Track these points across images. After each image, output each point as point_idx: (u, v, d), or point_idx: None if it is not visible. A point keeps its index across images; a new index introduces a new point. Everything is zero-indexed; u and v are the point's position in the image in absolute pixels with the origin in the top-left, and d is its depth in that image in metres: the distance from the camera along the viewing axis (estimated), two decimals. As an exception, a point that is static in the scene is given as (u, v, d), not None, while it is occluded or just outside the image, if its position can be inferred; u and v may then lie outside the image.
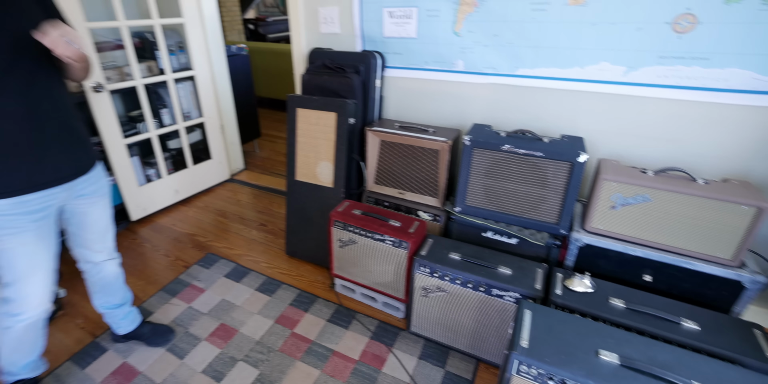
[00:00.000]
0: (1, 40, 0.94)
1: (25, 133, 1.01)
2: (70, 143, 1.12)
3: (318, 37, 1.97)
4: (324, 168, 1.80)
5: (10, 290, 1.11)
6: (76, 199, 1.19)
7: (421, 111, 1.84)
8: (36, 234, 1.08)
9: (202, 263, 2.02)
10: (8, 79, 0.96)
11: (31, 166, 1.04)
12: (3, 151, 0.99)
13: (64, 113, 1.10)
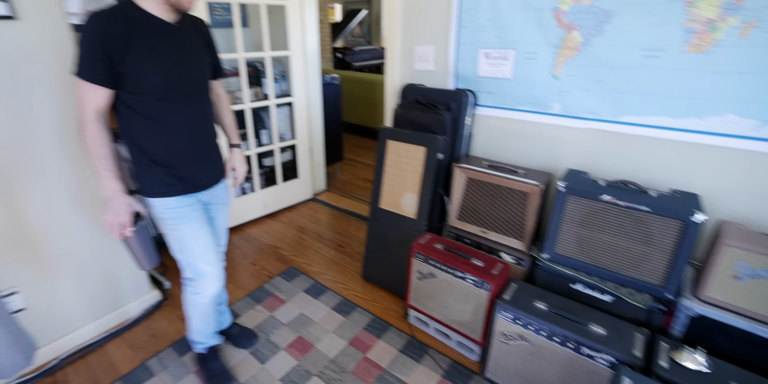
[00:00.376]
0: (186, 81, 1.20)
1: (190, 148, 1.25)
2: (213, 157, 1.35)
3: (411, 73, 2.07)
4: (408, 199, 1.85)
5: (190, 271, 1.33)
6: (208, 204, 1.40)
7: (510, 151, 1.83)
8: (199, 221, 1.30)
9: (284, 276, 2.15)
10: (184, 108, 1.21)
11: (191, 174, 1.27)
12: (175, 162, 1.23)
13: (212, 133, 1.34)
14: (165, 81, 1.14)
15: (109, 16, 1.06)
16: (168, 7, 1.12)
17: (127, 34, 1.06)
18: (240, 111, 2.48)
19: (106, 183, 1.16)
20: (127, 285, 1.86)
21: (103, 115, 1.13)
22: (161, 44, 1.12)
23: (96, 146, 1.12)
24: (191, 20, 1.23)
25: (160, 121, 1.18)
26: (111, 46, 1.05)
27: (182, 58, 1.17)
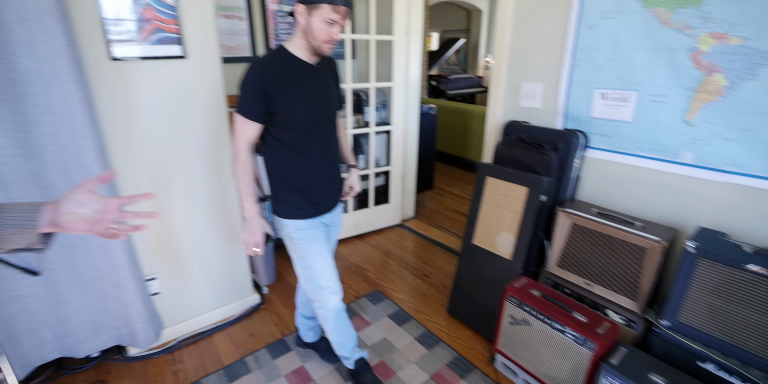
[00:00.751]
0: (324, 115, 1.36)
1: (323, 175, 1.41)
2: (337, 181, 1.50)
3: (515, 110, 2.05)
4: (504, 239, 1.81)
5: (310, 285, 1.46)
6: (327, 226, 1.53)
7: (625, 199, 1.70)
8: (322, 242, 1.44)
9: (369, 298, 2.21)
10: (321, 139, 1.37)
11: (321, 199, 1.43)
12: (311, 188, 1.38)
13: (339, 159, 1.50)
14: (308, 117, 1.30)
15: (268, 63, 1.25)
16: (312, 52, 1.28)
17: (280, 78, 1.23)
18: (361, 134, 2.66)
19: (247, 205, 1.33)
20: (234, 286, 2.09)
21: (252, 146, 1.33)
22: (306, 84, 1.28)
23: (244, 173, 1.31)
24: (326, 60, 1.38)
25: (303, 151, 1.33)
26: (268, 89, 1.22)
27: (321, 95, 1.33)
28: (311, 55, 1.29)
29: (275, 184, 1.40)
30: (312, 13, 1.19)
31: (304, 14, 1.20)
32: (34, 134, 1.38)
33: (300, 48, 1.27)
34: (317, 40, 1.22)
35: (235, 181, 1.34)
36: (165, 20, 1.59)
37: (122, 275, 1.62)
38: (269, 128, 1.31)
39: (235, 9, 2.51)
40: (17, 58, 1.30)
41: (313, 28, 1.20)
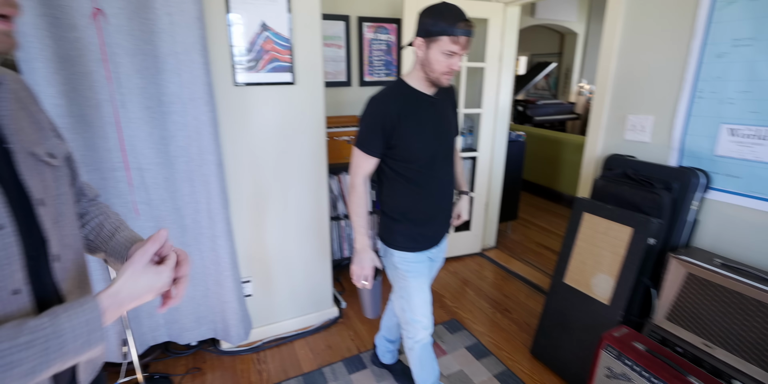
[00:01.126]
0: (443, 147, 1.34)
1: (439, 208, 1.40)
2: (449, 214, 1.47)
3: (619, 143, 1.91)
4: (601, 281, 1.66)
5: (407, 316, 1.45)
6: (432, 260, 1.49)
7: (757, 251, 1.47)
8: (426, 277, 1.42)
9: (446, 326, 2.15)
10: (440, 171, 1.35)
11: (433, 232, 1.41)
12: (426, 220, 1.37)
13: (453, 191, 1.46)
14: (428, 150, 1.28)
15: (387, 99, 1.25)
16: (430, 84, 1.27)
17: (400, 112, 1.23)
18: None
19: (360, 238, 1.33)
20: (316, 297, 2.18)
21: (369, 178, 1.34)
22: (425, 117, 1.27)
23: (359, 205, 1.32)
24: (445, 89, 1.36)
25: (420, 184, 1.32)
26: (387, 125, 1.23)
27: (440, 126, 1.32)
28: (430, 87, 1.28)
29: (388, 214, 1.38)
30: (430, 46, 1.17)
31: (422, 47, 1.19)
32: (171, 147, 1.60)
33: (418, 80, 1.26)
34: (436, 72, 1.20)
35: (350, 212, 1.34)
36: (280, 51, 1.76)
37: (225, 275, 1.78)
38: (386, 160, 1.31)
39: (335, 38, 2.70)
40: (167, 84, 1.53)
41: (432, 61, 1.19)
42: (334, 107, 2.75)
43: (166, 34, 1.47)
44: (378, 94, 1.27)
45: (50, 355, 0.52)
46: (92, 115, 1.47)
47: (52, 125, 0.69)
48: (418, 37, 1.20)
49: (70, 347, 0.53)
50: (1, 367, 0.47)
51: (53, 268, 0.62)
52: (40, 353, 0.51)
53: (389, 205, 1.37)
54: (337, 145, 2.45)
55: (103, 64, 1.43)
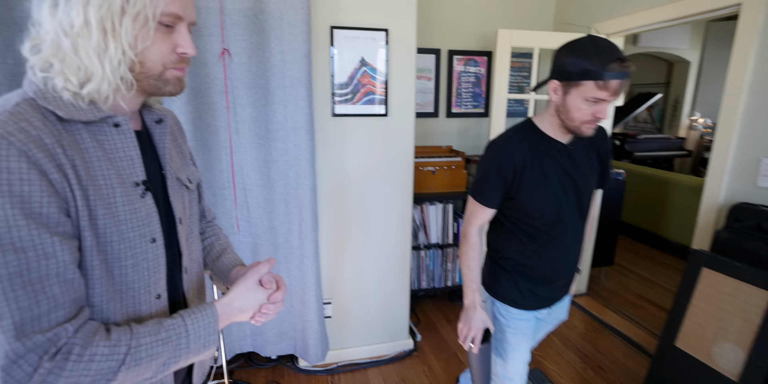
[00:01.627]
0: (574, 202, 1.14)
1: (560, 269, 1.20)
2: (569, 278, 1.25)
3: (748, 190, 1.65)
4: (727, 351, 1.40)
5: (498, 369, 1.30)
6: (541, 320, 1.27)
7: None
8: (527, 337, 1.25)
9: (530, 376, 1.96)
10: (567, 228, 1.15)
11: (548, 293, 1.22)
12: (542, 280, 1.19)
13: (579, 255, 1.23)
14: (554, 206, 1.11)
15: (511, 144, 1.10)
16: (566, 131, 1.09)
17: (524, 160, 1.08)
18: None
19: (469, 293, 1.17)
20: (391, 327, 2.15)
21: (483, 228, 1.20)
22: (555, 168, 1.10)
23: (471, 258, 1.17)
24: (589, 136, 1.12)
25: (541, 243, 1.15)
26: (508, 174, 1.08)
27: (574, 179, 1.12)
28: (565, 133, 1.10)
29: (495, 260, 1.24)
30: (569, 91, 0.99)
31: (559, 91, 1.02)
32: (272, 170, 1.73)
33: (551, 125, 1.09)
34: (575, 121, 1.01)
35: (461, 263, 1.20)
36: (376, 85, 1.85)
37: (309, 295, 1.84)
38: (504, 211, 1.17)
39: (425, 70, 2.77)
40: (274, 113, 1.67)
41: (570, 108, 1.00)
42: (420, 137, 2.79)
43: (277, 70, 1.63)
44: (500, 137, 1.13)
45: (180, 351, 0.59)
46: (211, 140, 1.66)
47: (191, 154, 0.81)
48: (553, 80, 1.02)
49: (193, 346, 0.61)
50: (146, 357, 0.55)
51: (183, 278, 0.72)
52: (172, 349, 0.58)
53: (498, 253, 1.23)
54: (422, 175, 2.47)
55: (224, 95, 1.62)
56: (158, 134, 0.68)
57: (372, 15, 1.76)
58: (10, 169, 0.47)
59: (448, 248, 2.57)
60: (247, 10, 1.55)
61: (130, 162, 0.60)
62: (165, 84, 0.61)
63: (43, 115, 0.52)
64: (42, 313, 0.49)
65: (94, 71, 0.53)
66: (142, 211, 0.61)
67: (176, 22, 0.58)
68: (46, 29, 0.52)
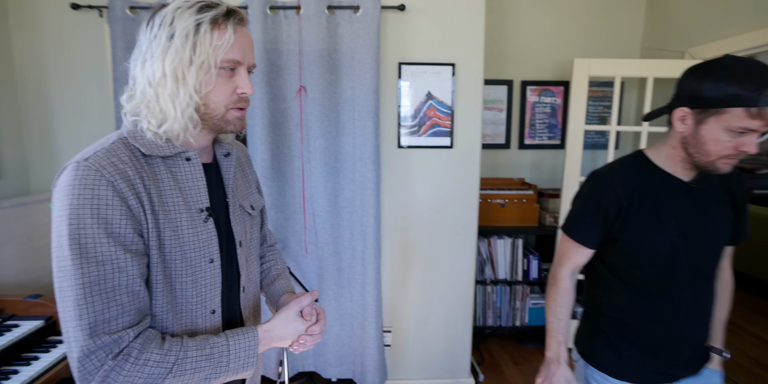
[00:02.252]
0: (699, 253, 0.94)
1: (676, 336, 0.97)
2: (695, 349, 1.00)
3: None
4: None
5: None
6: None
7: None
8: None
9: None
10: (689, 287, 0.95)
11: (663, 365, 0.98)
12: (650, 348, 0.97)
13: (709, 319, 1.01)
14: (669, 253, 0.92)
15: (616, 176, 0.96)
16: (691, 167, 0.92)
17: (632, 195, 0.93)
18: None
19: (554, 345, 1.02)
20: (452, 363, 2.06)
21: (578, 272, 1.04)
22: (673, 208, 0.93)
23: (559, 304, 1.02)
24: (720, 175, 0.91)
25: (651, 298, 0.96)
26: (611, 210, 0.93)
27: (698, 224, 0.93)
28: (688, 169, 0.93)
29: (591, 317, 1.06)
30: (706, 120, 0.83)
31: (689, 120, 0.86)
32: (339, 198, 1.82)
33: (670, 159, 0.93)
34: (710, 155, 0.85)
35: (547, 309, 1.05)
36: (442, 117, 1.88)
37: (369, 321, 1.85)
38: (603, 255, 1.00)
39: (496, 101, 2.76)
40: (343, 145, 1.78)
41: (705, 140, 0.84)
42: (490, 169, 2.74)
43: (347, 104, 1.76)
44: (604, 168, 0.99)
45: (220, 369, 0.65)
46: (286, 168, 1.81)
47: (257, 183, 0.91)
48: (682, 108, 0.87)
49: (232, 366, 0.66)
50: (190, 369, 0.62)
51: (240, 297, 0.78)
52: (214, 365, 0.64)
53: (594, 308, 1.04)
54: (490, 208, 2.40)
55: (299, 128, 1.77)
56: (225, 166, 0.78)
57: (439, 50, 1.84)
58: (99, 195, 0.58)
59: (517, 285, 2.42)
60: (322, 51, 1.71)
61: (197, 191, 0.70)
62: (227, 124, 0.70)
63: (131, 152, 0.64)
64: (111, 317, 0.58)
65: (168, 114, 0.64)
66: (203, 234, 0.69)
67: (236, 66, 0.67)
68: (138, 82, 0.65)
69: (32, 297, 1.34)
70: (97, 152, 0.61)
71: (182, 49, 0.62)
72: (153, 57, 0.63)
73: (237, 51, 0.66)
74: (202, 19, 0.62)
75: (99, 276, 0.57)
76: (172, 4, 0.63)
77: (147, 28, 0.64)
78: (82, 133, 1.88)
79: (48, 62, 1.83)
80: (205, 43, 0.63)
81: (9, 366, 1.13)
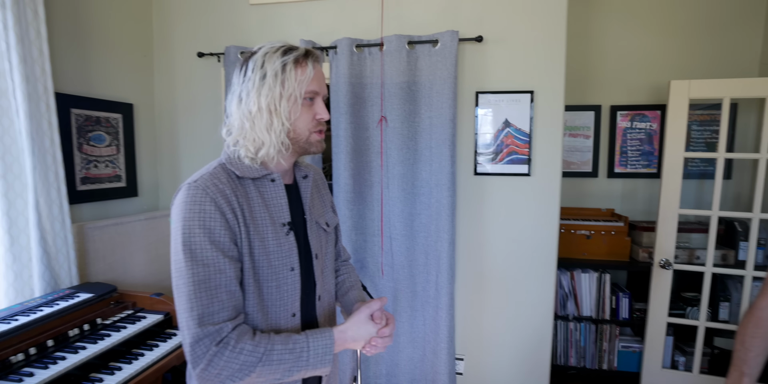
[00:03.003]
0: None
1: None
2: None
3: None
4: None
5: None
6: None
7: None
8: None
9: None
10: None
11: None
12: None
13: None
14: None
15: None
16: None
17: None
18: (698, 273, 2.10)
19: (735, 375, 0.96)
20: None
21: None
22: None
23: (750, 335, 0.95)
24: None
25: None
26: None
27: None
28: None
29: None
30: None
31: None
32: (415, 222, 1.89)
33: None
34: None
35: (736, 337, 0.98)
36: (519, 145, 1.87)
37: (441, 346, 1.85)
38: None
39: (582, 128, 2.65)
40: (420, 171, 1.86)
41: None
42: (575, 198, 2.61)
43: (425, 133, 1.84)
44: None
45: (300, 363, 0.74)
46: (366, 193, 1.93)
47: (331, 203, 1.03)
48: None
49: (311, 361, 0.74)
50: (276, 360, 0.71)
51: (316, 304, 0.88)
52: (295, 359, 0.73)
53: None
54: (574, 239, 2.27)
55: (379, 155, 1.89)
56: (303, 187, 0.90)
57: (517, 78, 1.85)
58: (204, 210, 0.72)
59: (604, 325, 2.22)
60: (402, 84, 1.83)
61: (280, 208, 0.82)
62: (310, 145, 0.83)
63: (228, 175, 0.78)
64: (214, 311, 0.70)
65: (264, 141, 0.77)
66: (285, 245, 0.81)
67: (314, 96, 0.81)
68: (234, 117, 0.79)
69: (156, 294, 1.59)
70: (203, 175, 0.76)
71: (274, 86, 0.75)
72: (249, 95, 0.77)
73: (315, 83, 0.80)
74: (287, 60, 0.76)
75: (205, 276, 0.70)
76: (261, 50, 0.78)
77: (240, 72, 0.79)
78: (200, 158, 2.21)
79: (177, 100, 2.21)
80: (291, 79, 0.76)
81: (138, 349, 1.37)
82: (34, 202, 1.41)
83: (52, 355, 1.20)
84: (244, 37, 2.08)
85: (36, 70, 1.44)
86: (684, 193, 2.26)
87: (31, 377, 1.07)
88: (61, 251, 1.50)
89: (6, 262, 1.37)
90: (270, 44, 0.79)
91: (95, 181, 1.85)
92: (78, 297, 1.41)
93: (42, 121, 1.46)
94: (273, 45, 0.79)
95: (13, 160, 1.40)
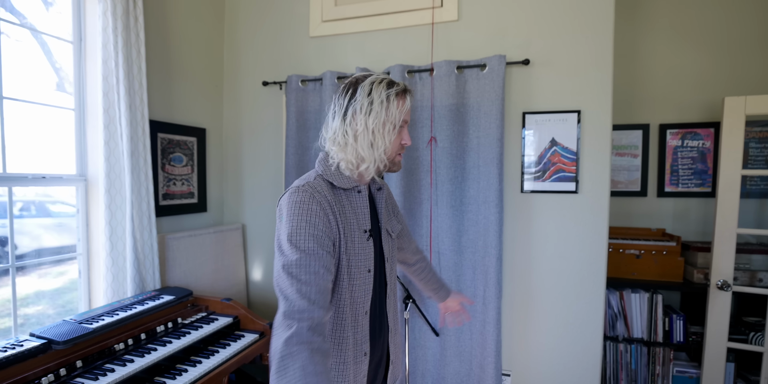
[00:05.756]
0: None
1: None
2: None
3: None
4: None
5: None
6: None
7: None
8: None
9: None
10: None
11: None
12: None
13: None
14: None
15: None
16: None
17: None
18: (761, 297, 2.02)
19: None
20: None
21: None
22: None
23: None
24: None
25: None
26: None
27: None
28: None
29: None
30: None
31: None
32: (463, 238, 1.96)
33: None
34: None
35: None
36: (566, 162, 1.92)
37: (487, 361, 1.88)
38: None
39: (630, 147, 2.63)
40: (468, 189, 1.95)
41: None
42: (623, 218, 2.58)
43: (473, 152, 1.93)
44: None
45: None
46: (416, 209, 2.03)
47: (396, 213, 1.16)
48: None
49: None
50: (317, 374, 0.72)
51: (386, 302, 0.98)
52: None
53: None
54: (623, 258, 2.25)
55: (429, 174, 2.00)
56: (378, 198, 1.03)
57: (564, 98, 1.92)
58: (310, 209, 0.85)
59: (657, 348, 2.15)
60: (451, 106, 1.95)
61: (363, 216, 0.95)
62: (393, 165, 0.98)
63: (326, 184, 0.92)
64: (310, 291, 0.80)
65: (365, 157, 0.91)
66: (366, 249, 0.93)
67: (404, 124, 0.95)
68: (338, 132, 0.92)
69: (226, 299, 1.75)
70: (308, 182, 0.89)
71: (380, 112, 0.89)
72: (355, 115, 0.90)
73: (407, 114, 0.94)
74: (392, 92, 0.90)
75: (305, 261, 0.81)
76: (368, 80, 0.91)
77: (345, 94, 0.92)
78: (260, 177, 2.41)
79: (242, 124, 2.44)
80: (392, 109, 0.90)
81: (213, 347, 1.52)
82: (130, 213, 1.62)
83: (145, 346, 1.37)
84: (304, 66, 2.29)
85: (136, 100, 1.68)
86: (742, 213, 2.20)
87: (132, 363, 1.24)
88: (147, 258, 1.70)
89: (107, 265, 1.57)
90: (375, 75, 0.93)
91: (173, 197, 2.07)
92: (162, 298, 1.59)
93: (138, 143, 1.69)
94: (378, 76, 0.93)
95: (116, 176, 1.62)
